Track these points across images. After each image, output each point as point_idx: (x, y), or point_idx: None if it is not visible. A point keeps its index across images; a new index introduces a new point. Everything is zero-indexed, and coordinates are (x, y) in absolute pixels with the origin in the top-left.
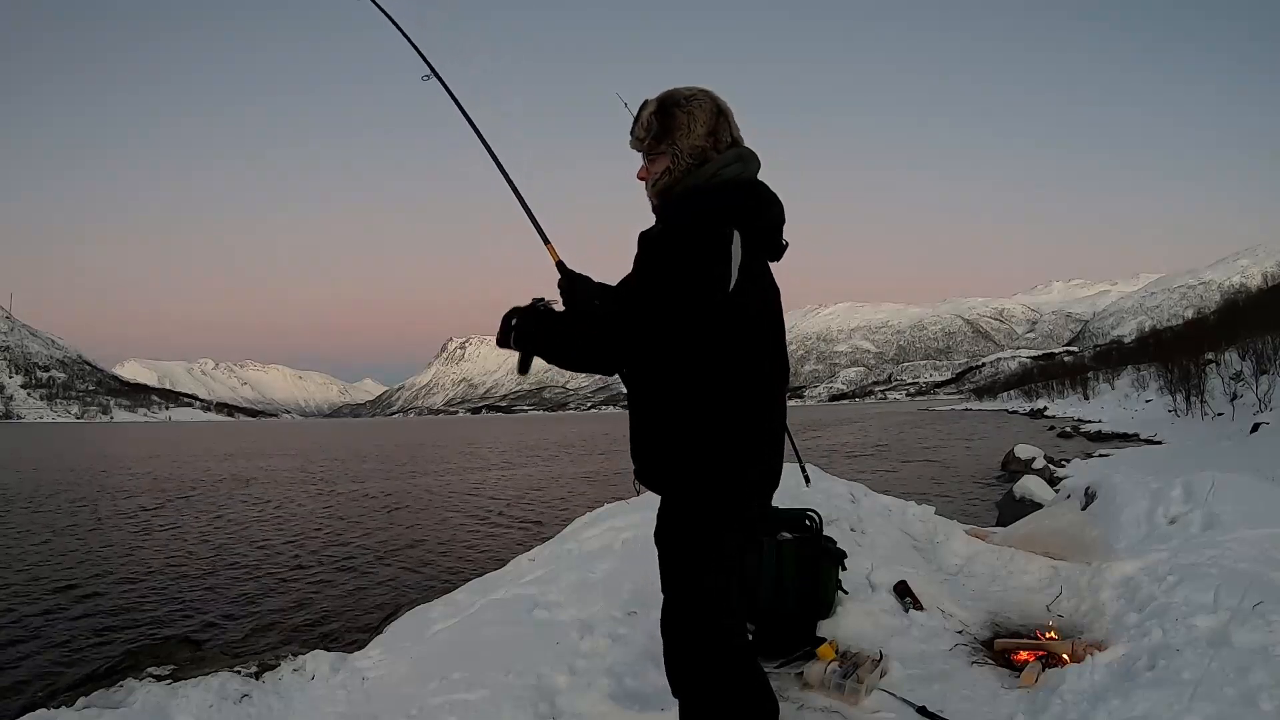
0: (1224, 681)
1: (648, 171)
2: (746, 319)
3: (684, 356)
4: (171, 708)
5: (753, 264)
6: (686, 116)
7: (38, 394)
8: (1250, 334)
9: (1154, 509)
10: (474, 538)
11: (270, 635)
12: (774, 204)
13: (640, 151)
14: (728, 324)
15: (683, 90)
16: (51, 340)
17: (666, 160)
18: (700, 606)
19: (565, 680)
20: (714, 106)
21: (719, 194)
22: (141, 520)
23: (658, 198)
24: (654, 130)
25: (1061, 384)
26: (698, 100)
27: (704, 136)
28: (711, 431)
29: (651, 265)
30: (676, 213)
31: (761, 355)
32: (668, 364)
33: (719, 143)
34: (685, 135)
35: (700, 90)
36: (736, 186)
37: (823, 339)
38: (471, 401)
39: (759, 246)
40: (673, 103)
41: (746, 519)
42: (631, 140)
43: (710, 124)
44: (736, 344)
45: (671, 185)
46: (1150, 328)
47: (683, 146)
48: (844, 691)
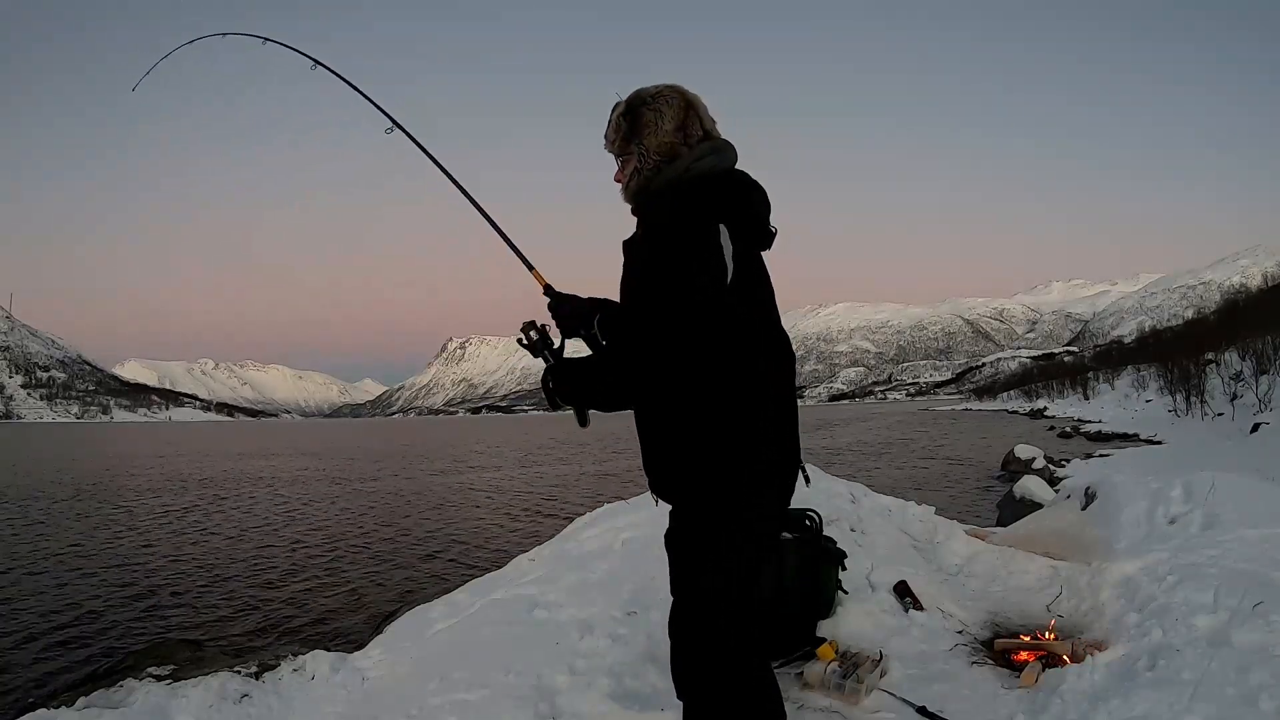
0: (1224, 681)
1: (621, 174)
2: (745, 314)
3: (690, 360)
4: (171, 708)
5: (745, 256)
6: (654, 114)
7: (38, 394)
8: (1250, 334)
9: (1154, 509)
10: (474, 538)
11: (270, 635)
12: (756, 191)
13: (613, 154)
14: (728, 321)
15: (649, 89)
16: (51, 340)
17: (635, 161)
18: (704, 609)
19: (565, 680)
20: (682, 101)
21: (696, 188)
22: (141, 520)
23: (633, 200)
24: (623, 131)
25: (1061, 384)
26: (664, 97)
27: (673, 132)
28: (720, 431)
29: (640, 274)
30: (655, 213)
31: (764, 349)
32: (675, 370)
33: (689, 137)
34: (653, 133)
35: (667, 86)
36: (713, 179)
37: (823, 339)
38: (471, 401)
39: (747, 237)
40: (639, 102)
41: (756, 519)
42: (605, 144)
43: (679, 119)
44: (738, 341)
45: (644, 185)
46: (1150, 328)
47: (649, 145)
48: (844, 691)
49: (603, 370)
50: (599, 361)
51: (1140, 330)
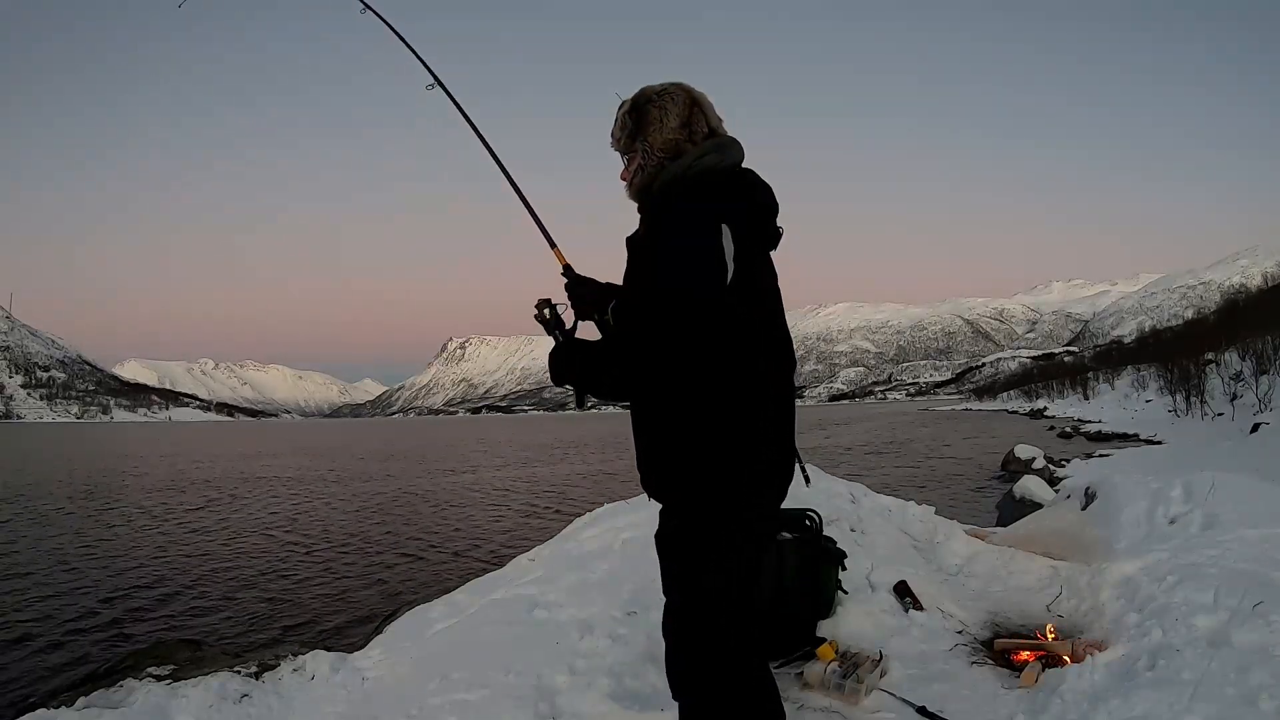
0: (1224, 681)
1: (627, 172)
2: (746, 314)
3: (688, 359)
4: (171, 708)
5: (748, 254)
6: (659, 111)
7: (38, 394)
8: (1250, 334)
9: (1154, 509)
10: (474, 538)
11: (270, 635)
12: (761, 190)
13: (619, 152)
14: (728, 321)
15: (655, 86)
16: (51, 340)
17: (639, 158)
18: (705, 609)
19: (565, 680)
20: (687, 98)
21: (699, 185)
22: (141, 520)
23: (637, 197)
24: (629, 128)
25: (1061, 384)
26: (670, 94)
27: (677, 129)
28: (717, 433)
29: (643, 270)
30: (658, 210)
31: (764, 351)
32: (673, 368)
33: (694, 134)
34: (658, 130)
35: (673, 84)
36: (717, 175)
37: (823, 339)
38: (471, 401)
39: (751, 235)
40: (645, 99)
41: (756, 517)
42: (611, 141)
43: (683, 116)
44: (738, 342)
45: (648, 183)
46: (1150, 328)
47: (653, 142)
48: (844, 691)
49: (608, 357)
50: (606, 347)
51: (1140, 330)
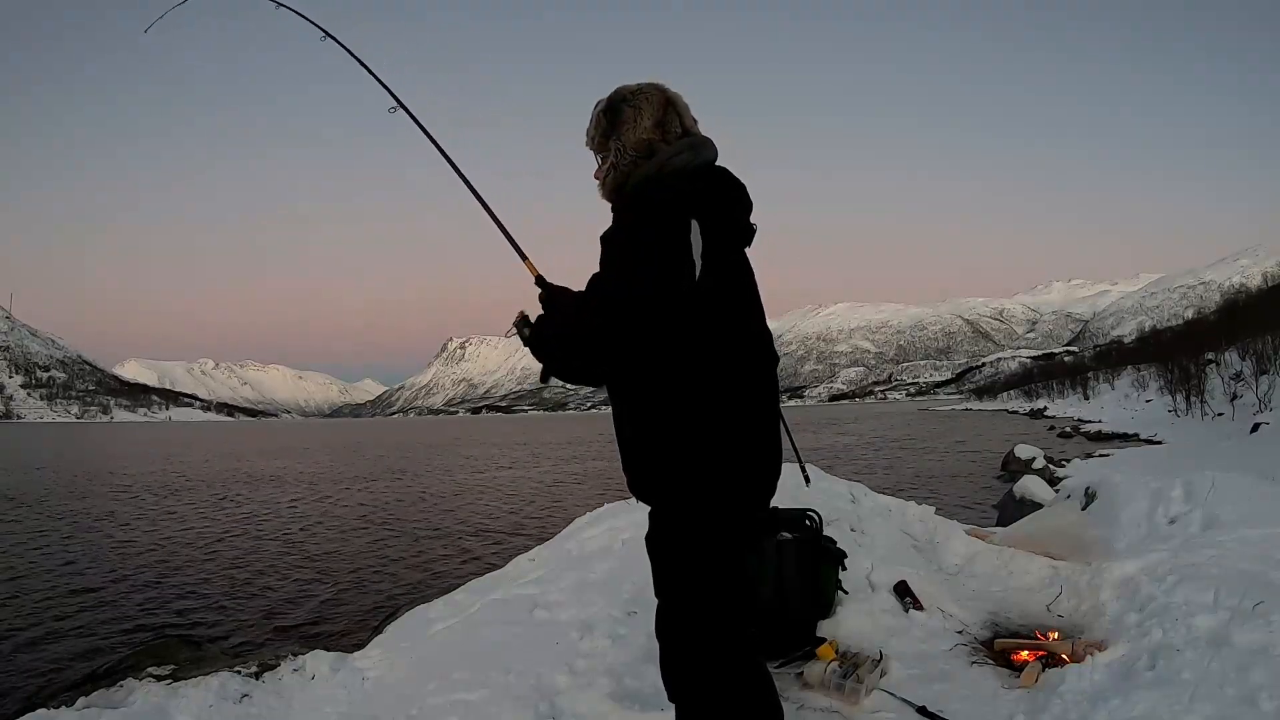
0: (1224, 681)
1: (600, 171)
2: (717, 311)
3: (655, 357)
4: (171, 708)
5: (718, 252)
6: (633, 111)
7: (38, 394)
8: (1250, 334)
9: (1154, 509)
10: (474, 538)
11: (270, 635)
12: (733, 187)
13: (594, 151)
14: (698, 318)
15: (630, 86)
16: (51, 340)
17: (613, 157)
18: (690, 610)
19: (565, 680)
20: (662, 99)
21: (670, 184)
22: (141, 520)
23: (610, 196)
24: (603, 128)
25: (1061, 384)
26: (644, 94)
27: (650, 129)
28: (690, 432)
29: (609, 263)
30: (629, 208)
31: (738, 348)
32: (640, 366)
33: (668, 134)
34: (631, 130)
35: (648, 84)
36: (689, 174)
37: (823, 339)
38: (472, 401)
39: (722, 233)
40: (620, 99)
41: (738, 517)
42: (586, 140)
43: (657, 116)
44: (709, 339)
45: (620, 182)
46: (1150, 328)
47: (627, 141)
48: (844, 691)
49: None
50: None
51: (1140, 330)
